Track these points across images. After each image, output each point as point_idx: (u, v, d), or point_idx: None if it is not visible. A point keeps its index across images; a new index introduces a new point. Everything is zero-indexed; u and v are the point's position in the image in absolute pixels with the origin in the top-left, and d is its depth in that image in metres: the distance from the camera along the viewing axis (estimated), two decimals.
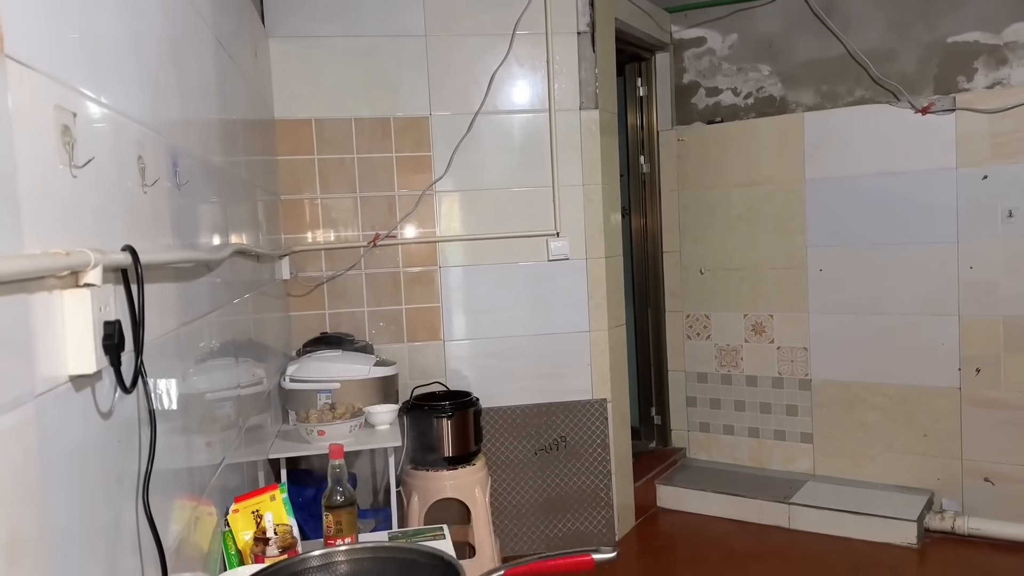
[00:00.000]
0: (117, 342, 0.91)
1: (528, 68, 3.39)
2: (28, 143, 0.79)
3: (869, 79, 3.73)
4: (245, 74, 2.49)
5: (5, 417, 0.71)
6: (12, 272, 0.71)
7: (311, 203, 3.31)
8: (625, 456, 3.65)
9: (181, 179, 1.45)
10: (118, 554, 1.02)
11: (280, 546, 1.60)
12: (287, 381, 2.81)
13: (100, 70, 1.05)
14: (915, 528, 3.38)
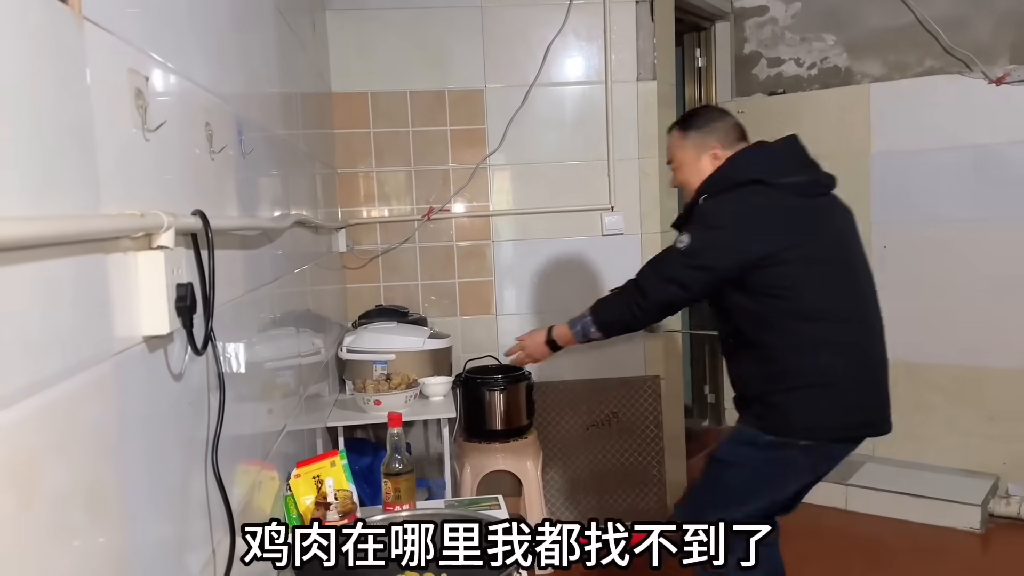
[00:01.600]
0: (189, 304, 0.92)
1: (584, 39, 3.34)
2: (104, 105, 0.80)
3: (940, 48, 3.59)
4: (304, 45, 2.50)
5: (86, 372, 0.72)
6: (91, 231, 0.72)
7: (366, 176, 3.33)
8: (677, 434, 3.61)
9: (246, 148, 1.46)
10: (188, 514, 1.04)
11: (341, 511, 1.62)
12: (344, 351, 2.85)
13: (169, 36, 1.05)
14: (979, 513, 3.29)
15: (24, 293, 0.62)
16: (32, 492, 0.61)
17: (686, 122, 2.16)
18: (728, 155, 2.05)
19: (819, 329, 1.92)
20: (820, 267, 1.93)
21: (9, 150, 0.61)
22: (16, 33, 0.63)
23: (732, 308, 1.99)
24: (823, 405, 1.92)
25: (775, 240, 1.90)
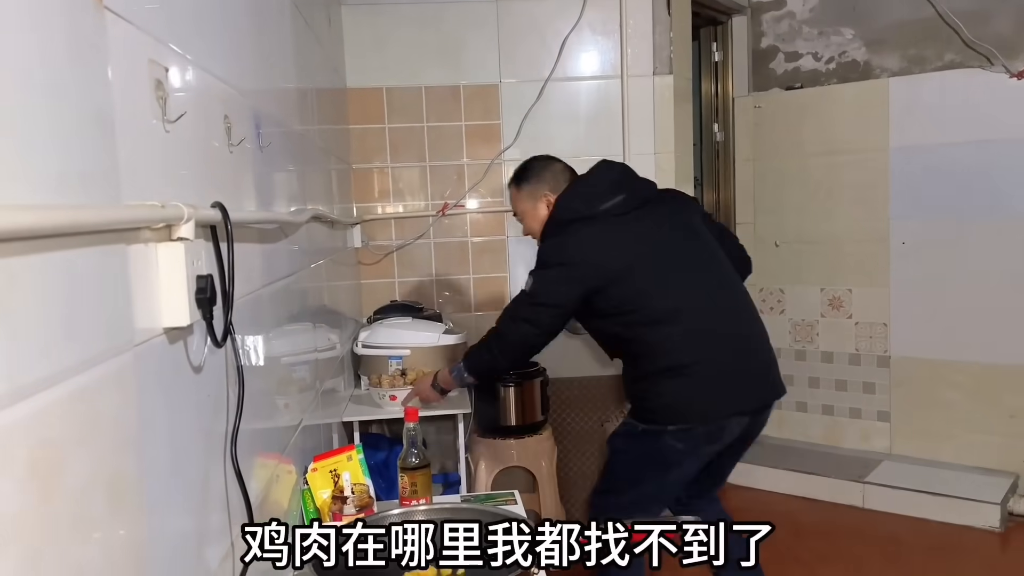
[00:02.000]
0: (209, 296, 0.92)
1: (600, 33, 3.32)
2: (124, 95, 0.79)
3: (960, 42, 3.54)
4: (320, 40, 2.50)
5: (107, 364, 0.72)
6: (113, 221, 0.72)
7: (381, 172, 3.33)
8: None
9: (263, 142, 1.46)
10: (207, 507, 1.04)
11: (357, 505, 1.62)
12: (359, 346, 2.85)
13: (188, 28, 1.05)
14: (998, 511, 3.25)
15: (46, 283, 0.62)
16: (54, 484, 0.61)
17: (518, 177, 2.35)
18: (552, 201, 2.25)
19: (670, 328, 2.08)
20: (658, 272, 2.10)
21: (32, 139, 0.61)
22: (39, 22, 0.63)
23: (593, 330, 2.25)
24: (683, 392, 2.08)
25: (605, 264, 2.08)
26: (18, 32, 0.60)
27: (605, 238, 2.12)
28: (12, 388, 0.55)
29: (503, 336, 2.22)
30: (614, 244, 2.11)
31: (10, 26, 0.59)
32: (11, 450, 0.55)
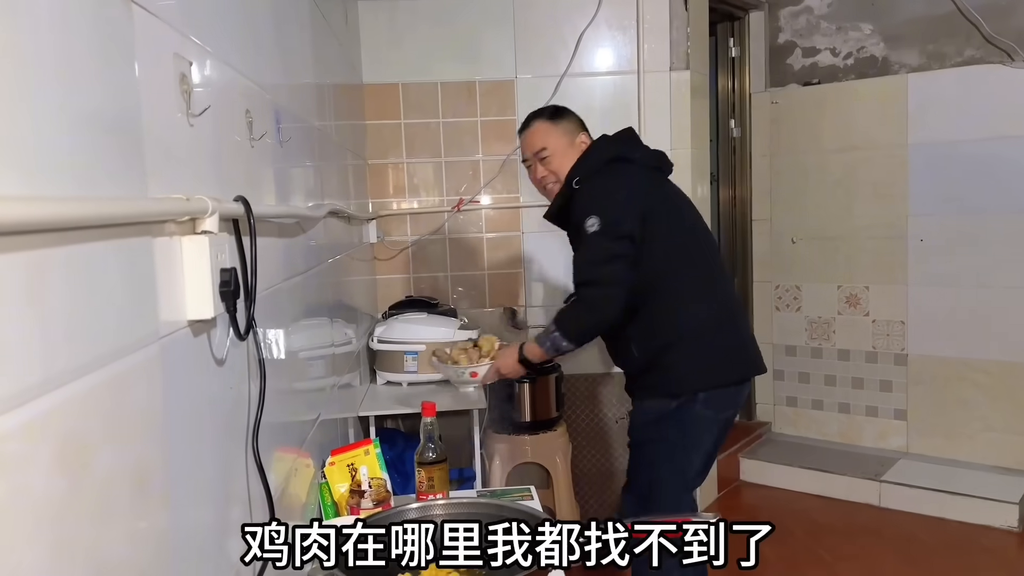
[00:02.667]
0: (233, 289, 0.92)
1: (617, 28, 3.31)
2: (150, 88, 0.80)
3: (981, 38, 3.51)
4: (337, 36, 2.51)
5: (133, 356, 0.72)
6: (140, 214, 0.72)
7: (396, 168, 3.33)
8: None
9: (283, 137, 1.46)
10: (229, 500, 1.05)
11: (375, 499, 1.63)
12: (375, 342, 2.85)
13: (211, 22, 1.06)
14: (1016, 511, 3.22)
15: (74, 275, 0.62)
16: (82, 473, 0.62)
17: (553, 113, 2.25)
18: (589, 142, 2.22)
19: (685, 284, 2.10)
20: (678, 227, 2.13)
21: (61, 132, 0.61)
22: (69, 16, 0.63)
23: None
24: (712, 353, 2.09)
25: (646, 202, 2.07)
26: (49, 27, 0.60)
27: (648, 179, 2.13)
28: (43, 379, 0.56)
29: (601, 283, 2.02)
30: (654, 186, 2.13)
31: (42, 21, 0.59)
32: (42, 439, 0.56)
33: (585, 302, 2.07)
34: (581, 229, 2.02)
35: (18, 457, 0.52)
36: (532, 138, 2.21)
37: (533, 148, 2.20)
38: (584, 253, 2.06)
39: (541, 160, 2.19)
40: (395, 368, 2.86)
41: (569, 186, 2.13)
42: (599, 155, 2.14)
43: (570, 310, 2.14)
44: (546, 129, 2.20)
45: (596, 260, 2.03)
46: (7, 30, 0.54)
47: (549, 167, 2.18)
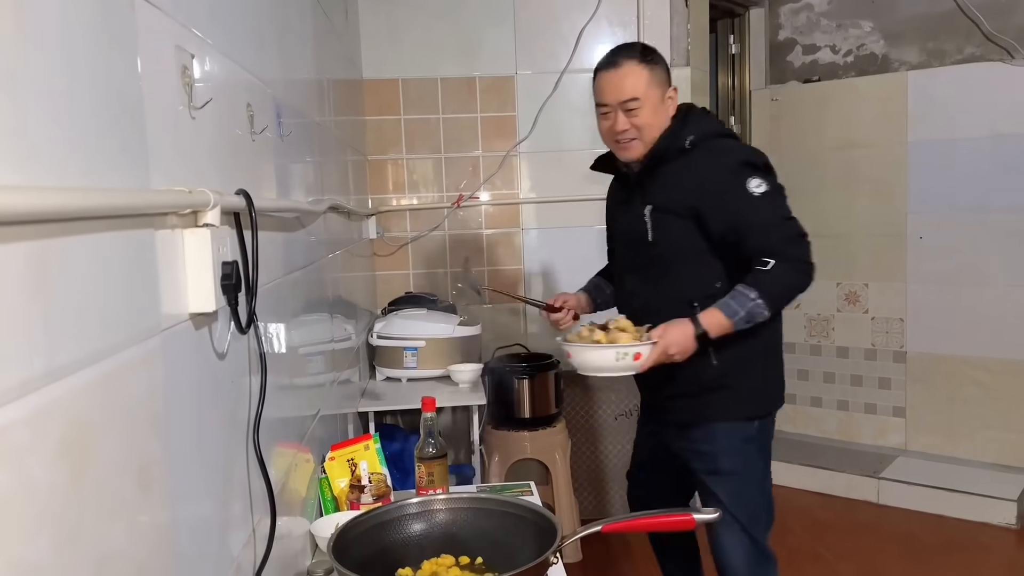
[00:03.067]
0: (235, 282, 0.92)
1: (617, 24, 3.30)
2: (153, 80, 0.80)
3: (981, 35, 3.50)
4: (337, 31, 2.50)
5: (136, 347, 0.72)
6: (143, 205, 0.72)
7: (396, 163, 3.33)
8: None
9: (284, 131, 1.46)
10: (230, 493, 1.05)
11: (375, 494, 1.63)
12: (375, 337, 2.85)
13: (213, 16, 1.05)
14: (1015, 508, 3.23)
15: (77, 265, 0.62)
16: (84, 464, 0.62)
17: (649, 53, 1.88)
18: (677, 98, 1.91)
19: None
20: None
21: (65, 123, 0.61)
22: (72, 6, 0.63)
23: (714, 273, 1.83)
24: (781, 365, 1.99)
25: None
26: (53, 19, 0.60)
27: None
28: (47, 369, 0.56)
29: (804, 241, 1.79)
30: None
31: (46, 13, 0.59)
32: (45, 429, 0.56)
33: (795, 262, 1.76)
34: (731, 193, 1.75)
35: (23, 447, 0.52)
36: (622, 82, 1.82)
37: (620, 95, 1.82)
38: (772, 211, 1.78)
39: (627, 111, 1.83)
40: (395, 364, 2.86)
41: (675, 146, 1.82)
42: (715, 122, 1.93)
43: (775, 273, 1.74)
44: (639, 75, 1.82)
45: (791, 217, 1.80)
46: (12, 21, 0.53)
47: (635, 120, 1.83)
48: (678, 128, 1.84)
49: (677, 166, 1.82)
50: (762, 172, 1.78)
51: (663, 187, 1.84)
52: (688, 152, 1.81)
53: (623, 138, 1.86)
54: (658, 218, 1.85)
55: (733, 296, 1.76)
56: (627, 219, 1.95)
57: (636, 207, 1.89)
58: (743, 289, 1.75)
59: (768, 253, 1.73)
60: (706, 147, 1.81)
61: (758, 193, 1.76)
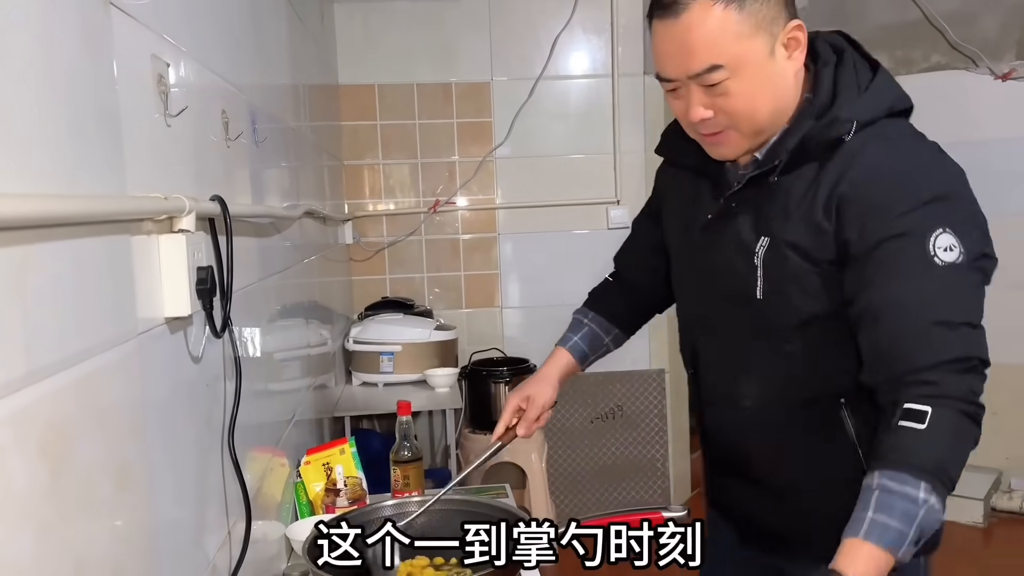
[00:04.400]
0: (210, 287, 0.93)
1: (591, 32, 3.34)
2: (129, 89, 0.81)
3: (947, 44, 3.58)
4: (313, 37, 2.51)
5: (113, 351, 0.73)
6: (120, 211, 0.74)
7: (372, 168, 3.34)
8: (682, 427, 3.62)
9: (259, 137, 1.47)
10: (205, 496, 1.06)
11: (350, 497, 1.64)
12: (351, 342, 2.86)
13: (188, 24, 1.07)
14: (981, 507, 3.30)
15: (56, 270, 0.63)
16: (63, 466, 0.63)
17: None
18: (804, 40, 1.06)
19: None
20: None
21: (43, 131, 0.62)
22: (49, 15, 0.64)
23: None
24: None
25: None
26: (32, 28, 0.61)
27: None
28: (27, 371, 0.57)
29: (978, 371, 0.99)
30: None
31: (25, 22, 0.60)
32: (26, 430, 0.57)
33: (963, 405, 0.96)
34: (902, 247, 1.00)
35: (3, 447, 0.53)
36: (689, 40, 1.02)
37: (689, 64, 1.03)
38: (956, 301, 1.00)
39: (707, 86, 1.04)
40: (371, 369, 2.87)
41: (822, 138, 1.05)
42: (884, 82, 1.09)
43: (939, 431, 0.95)
44: (721, 25, 1.00)
45: (979, 323, 1.01)
46: None
47: (723, 101, 1.05)
48: (824, 97, 1.06)
49: (819, 172, 1.06)
50: (957, 216, 1.02)
51: (796, 210, 1.07)
52: (844, 146, 1.05)
53: (705, 129, 1.09)
54: (779, 262, 1.08)
55: (880, 502, 0.94)
56: (707, 247, 1.19)
57: (733, 232, 1.13)
58: (894, 484, 0.94)
59: (916, 380, 0.97)
60: (880, 140, 1.05)
61: (943, 261, 0.99)
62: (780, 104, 1.07)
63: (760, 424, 1.16)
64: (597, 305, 1.50)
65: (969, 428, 0.98)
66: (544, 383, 1.41)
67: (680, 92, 1.07)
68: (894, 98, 1.10)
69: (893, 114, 1.10)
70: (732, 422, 1.20)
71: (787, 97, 1.08)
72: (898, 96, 1.11)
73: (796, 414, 1.13)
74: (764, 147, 1.10)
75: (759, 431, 1.16)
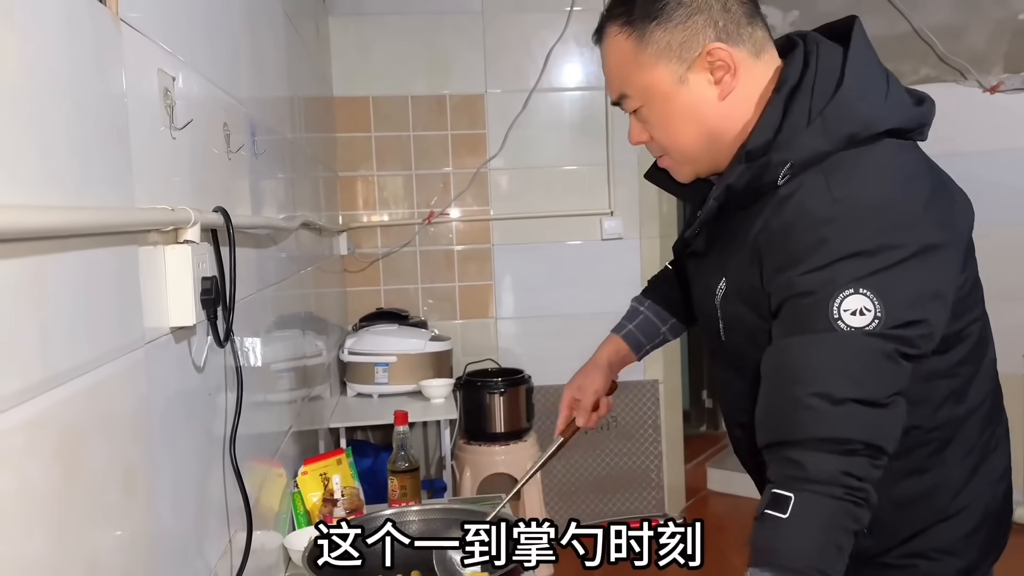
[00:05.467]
0: (214, 297, 0.95)
1: (585, 44, 3.37)
2: (137, 103, 0.82)
3: (935, 57, 3.63)
4: (309, 50, 2.53)
5: (122, 359, 0.75)
6: (129, 223, 0.75)
7: (367, 180, 3.36)
8: (676, 437, 3.64)
9: (258, 149, 1.49)
10: (208, 504, 1.07)
11: (347, 507, 1.64)
12: (346, 353, 2.87)
13: (192, 39, 1.08)
14: None
15: (69, 280, 0.65)
16: (76, 469, 0.64)
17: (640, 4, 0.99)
18: (775, 65, 1.01)
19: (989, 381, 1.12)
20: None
21: (56, 144, 0.64)
22: (62, 32, 0.66)
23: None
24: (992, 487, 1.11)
25: (963, 229, 1.02)
26: (46, 44, 0.63)
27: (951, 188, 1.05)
28: (43, 378, 0.58)
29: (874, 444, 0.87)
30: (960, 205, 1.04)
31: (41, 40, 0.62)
32: (42, 435, 0.58)
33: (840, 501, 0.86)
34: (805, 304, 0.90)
35: (22, 451, 0.55)
36: (607, 67, 1.05)
37: (610, 92, 1.07)
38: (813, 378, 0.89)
39: (632, 112, 1.05)
40: (366, 380, 2.88)
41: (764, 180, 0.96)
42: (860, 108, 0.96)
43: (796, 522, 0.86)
44: (623, 50, 1.01)
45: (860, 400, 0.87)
46: (7, 47, 0.56)
47: (651, 130, 1.05)
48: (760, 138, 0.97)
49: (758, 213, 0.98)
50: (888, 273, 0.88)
51: (743, 255, 1.00)
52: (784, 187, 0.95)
53: (652, 153, 1.10)
54: (733, 309, 1.04)
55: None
56: (697, 278, 1.16)
57: (707, 271, 1.10)
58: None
59: (782, 460, 0.89)
60: (822, 176, 0.93)
61: (848, 328, 0.87)
62: (712, 131, 1.00)
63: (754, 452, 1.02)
64: (654, 293, 1.40)
65: (845, 513, 0.85)
66: (594, 371, 1.36)
67: (628, 111, 1.07)
68: (862, 122, 0.93)
69: (872, 137, 0.94)
70: (743, 444, 1.15)
71: (720, 125, 0.99)
72: (872, 118, 0.94)
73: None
74: (724, 188, 1.00)
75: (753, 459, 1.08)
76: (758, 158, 0.95)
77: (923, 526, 1.05)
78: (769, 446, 0.91)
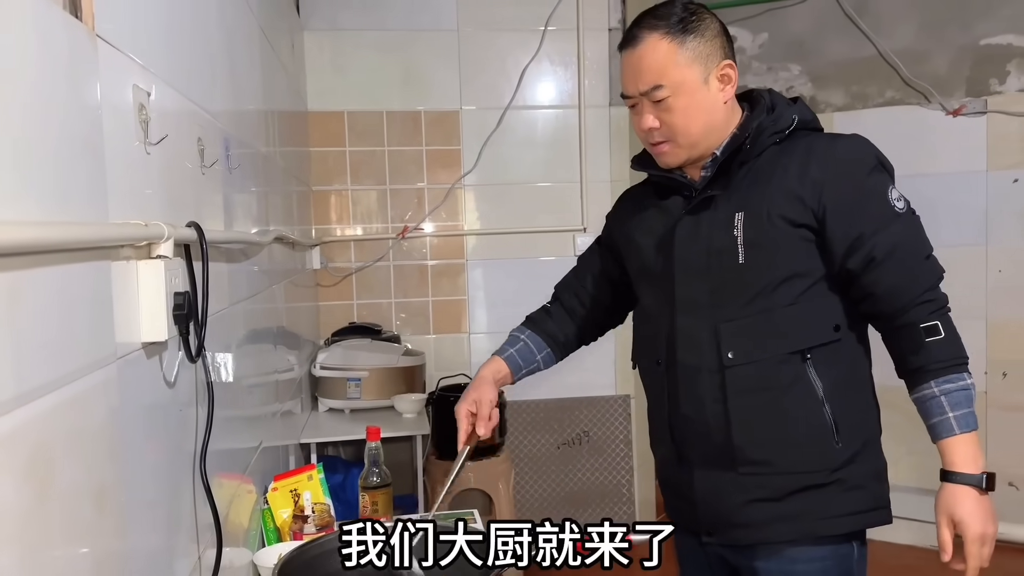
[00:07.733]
0: (187, 312, 0.94)
1: (559, 64, 3.41)
2: (112, 118, 0.82)
3: (900, 80, 3.72)
4: (284, 65, 2.53)
5: (94, 375, 0.74)
6: (103, 238, 0.75)
7: (341, 194, 3.35)
8: (648, 453, 3.63)
9: (232, 164, 1.49)
10: (178, 520, 1.06)
11: (318, 524, 1.63)
12: (318, 368, 2.85)
13: (168, 54, 1.08)
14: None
15: (42, 296, 0.64)
16: (48, 486, 0.64)
17: (692, 15, 1.33)
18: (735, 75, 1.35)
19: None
20: None
21: (31, 159, 0.64)
22: (36, 46, 0.66)
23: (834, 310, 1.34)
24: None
25: None
26: (19, 59, 0.63)
27: None
28: (17, 394, 0.58)
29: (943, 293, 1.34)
30: None
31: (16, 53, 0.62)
32: (14, 452, 0.58)
33: (947, 317, 1.33)
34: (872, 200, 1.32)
35: None
36: (640, 64, 1.32)
37: (639, 82, 1.32)
38: (920, 241, 1.36)
39: (654, 102, 1.32)
40: (338, 395, 2.86)
41: (771, 131, 1.33)
42: (807, 109, 1.39)
43: (948, 336, 1.30)
44: (665, 51, 1.30)
45: (929, 254, 1.37)
46: None
47: (664, 115, 1.32)
48: (766, 111, 1.35)
49: (774, 158, 1.32)
50: (893, 183, 1.38)
51: (759, 184, 1.31)
52: (790, 140, 1.33)
53: (652, 139, 1.36)
54: (756, 229, 1.29)
55: (950, 402, 1.31)
56: (686, 241, 1.36)
57: (709, 220, 1.34)
58: (950, 385, 1.30)
59: (920, 303, 1.29)
60: (821, 136, 1.36)
61: (901, 210, 1.35)
62: (712, 124, 1.34)
63: (741, 382, 1.32)
64: (534, 326, 1.69)
65: (952, 321, 1.32)
66: (484, 385, 1.56)
67: (637, 108, 1.36)
68: (813, 117, 1.40)
69: (817, 127, 1.41)
70: (712, 392, 1.34)
71: (718, 120, 1.34)
72: (814, 117, 1.41)
73: (769, 366, 1.31)
74: (716, 151, 1.35)
75: (740, 393, 1.32)
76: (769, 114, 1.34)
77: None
78: (906, 305, 1.30)
